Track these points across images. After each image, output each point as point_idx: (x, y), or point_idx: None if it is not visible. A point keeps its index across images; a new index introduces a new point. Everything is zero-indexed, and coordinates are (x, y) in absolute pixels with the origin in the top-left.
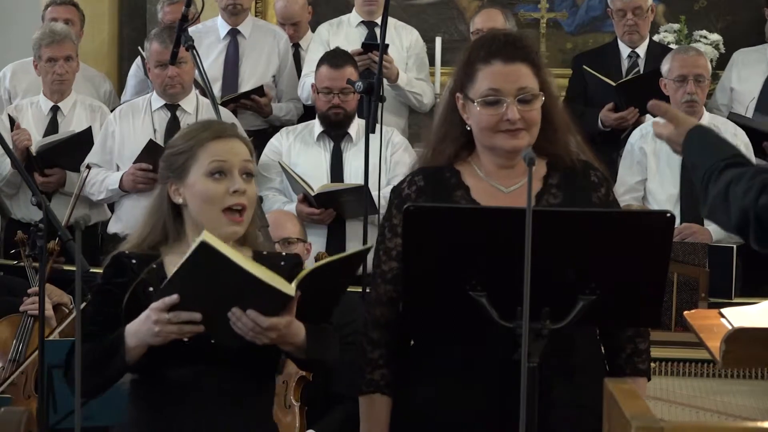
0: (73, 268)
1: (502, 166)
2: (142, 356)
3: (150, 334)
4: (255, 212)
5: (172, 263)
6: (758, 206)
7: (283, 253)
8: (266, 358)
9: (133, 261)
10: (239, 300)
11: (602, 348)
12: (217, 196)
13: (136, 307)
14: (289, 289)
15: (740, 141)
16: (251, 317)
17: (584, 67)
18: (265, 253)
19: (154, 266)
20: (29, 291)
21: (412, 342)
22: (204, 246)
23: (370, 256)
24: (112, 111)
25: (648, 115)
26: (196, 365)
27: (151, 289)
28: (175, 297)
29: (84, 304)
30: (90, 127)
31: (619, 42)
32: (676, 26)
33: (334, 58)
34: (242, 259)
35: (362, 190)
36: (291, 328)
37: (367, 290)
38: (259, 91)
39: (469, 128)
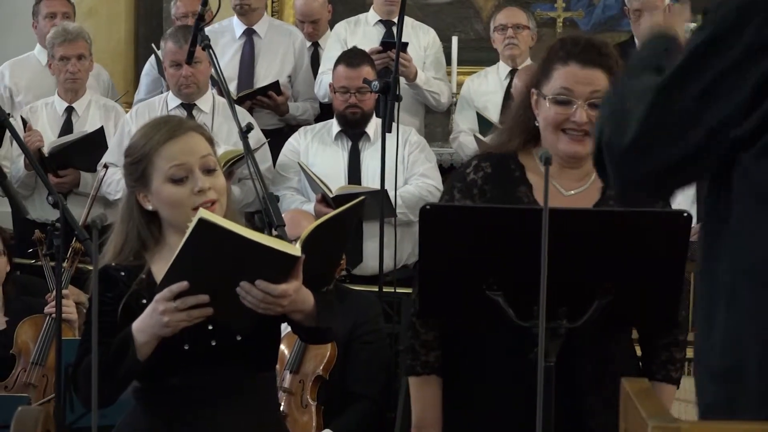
0: None
1: (563, 167)
2: (150, 357)
3: (159, 325)
4: (231, 202)
5: (161, 271)
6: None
7: None
8: (264, 352)
9: (122, 273)
10: (244, 273)
11: (636, 352)
12: (183, 199)
13: (132, 319)
14: (295, 250)
15: None
16: (261, 287)
17: None
18: None
19: (144, 276)
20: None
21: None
22: (202, 222)
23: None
24: (116, 101)
25: None
26: (196, 370)
27: (144, 301)
28: (184, 284)
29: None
30: (102, 127)
31: (636, 41)
32: (692, 25)
33: (351, 57)
34: (242, 229)
35: (381, 193)
36: (300, 293)
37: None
38: (275, 87)
39: (537, 125)
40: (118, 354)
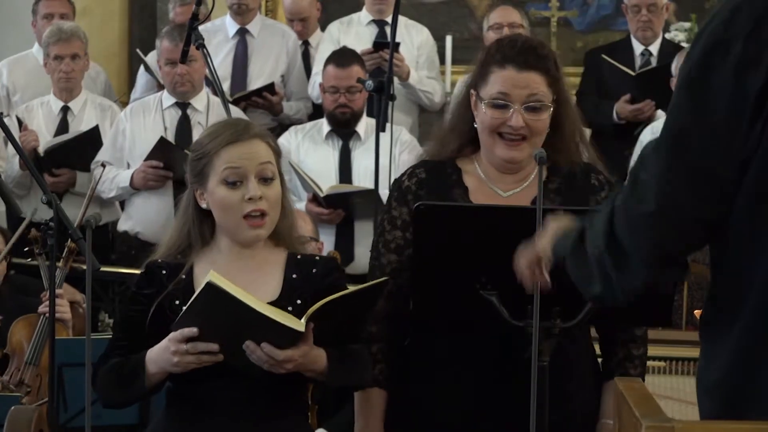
0: None
1: (500, 171)
2: (163, 381)
3: (169, 363)
4: (288, 211)
5: (203, 272)
6: (614, 212)
7: (317, 257)
8: (297, 373)
9: (164, 272)
10: (251, 335)
11: (596, 351)
12: (233, 204)
13: (162, 320)
14: (299, 325)
15: None
16: (266, 351)
17: (603, 55)
18: (299, 256)
19: (184, 277)
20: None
21: (407, 340)
22: (210, 286)
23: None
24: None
25: (660, 111)
26: (229, 378)
27: (177, 302)
28: (194, 330)
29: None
30: (97, 126)
31: (632, 39)
32: (687, 24)
33: (341, 57)
34: (249, 298)
35: (372, 193)
36: (309, 357)
37: None
38: (270, 88)
39: (476, 125)
40: (130, 376)
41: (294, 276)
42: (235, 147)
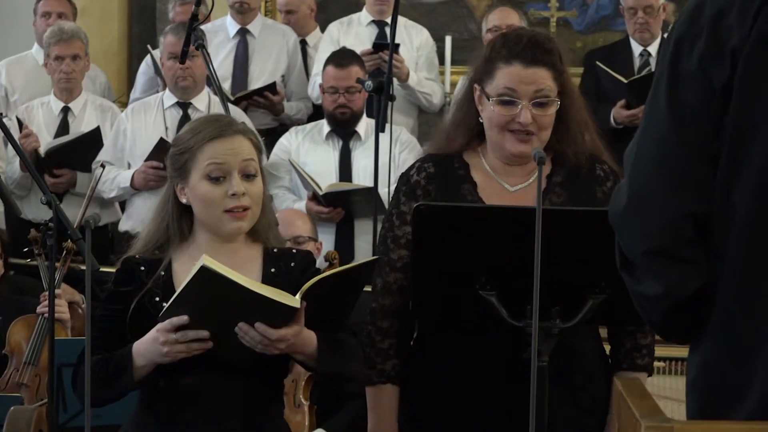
0: None
1: (507, 165)
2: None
3: (158, 354)
4: (267, 208)
5: (181, 268)
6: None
7: (294, 250)
8: (277, 365)
9: (142, 268)
10: (244, 316)
11: (604, 345)
12: (216, 199)
13: (142, 316)
14: (294, 301)
15: None
16: (259, 330)
17: (597, 62)
18: (275, 250)
19: (162, 273)
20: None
21: (415, 335)
22: (204, 270)
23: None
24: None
25: None
26: (207, 373)
27: (157, 299)
28: (184, 318)
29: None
30: (98, 127)
31: (631, 40)
32: None
33: (340, 57)
34: (243, 279)
35: (371, 191)
36: (300, 337)
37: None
38: (272, 88)
39: (482, 120)
40: (117, 370)
41: (273, 270)
42: (218, 142)
